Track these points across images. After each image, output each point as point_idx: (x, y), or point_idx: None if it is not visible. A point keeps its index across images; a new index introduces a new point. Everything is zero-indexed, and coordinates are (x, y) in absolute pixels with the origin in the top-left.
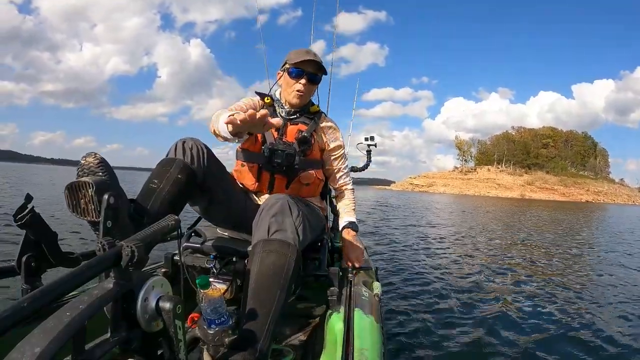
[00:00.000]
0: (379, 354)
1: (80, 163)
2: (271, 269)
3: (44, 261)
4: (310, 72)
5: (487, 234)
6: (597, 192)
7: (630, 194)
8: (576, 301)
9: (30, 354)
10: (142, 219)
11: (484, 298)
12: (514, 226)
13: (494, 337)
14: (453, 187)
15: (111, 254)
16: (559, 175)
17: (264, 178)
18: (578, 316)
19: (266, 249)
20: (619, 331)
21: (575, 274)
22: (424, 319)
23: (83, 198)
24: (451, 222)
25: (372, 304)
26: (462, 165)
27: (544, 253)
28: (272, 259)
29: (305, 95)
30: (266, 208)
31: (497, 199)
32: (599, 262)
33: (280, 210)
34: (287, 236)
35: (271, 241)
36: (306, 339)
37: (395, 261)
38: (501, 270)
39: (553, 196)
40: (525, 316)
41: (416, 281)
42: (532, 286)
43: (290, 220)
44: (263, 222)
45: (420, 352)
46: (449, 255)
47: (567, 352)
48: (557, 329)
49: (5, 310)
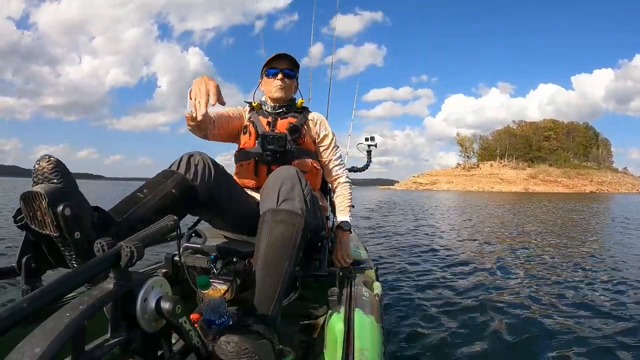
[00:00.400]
0: (379, 354)
1: (34, 168)
2: (280, 240)
3: (44, 262)
4: (284, 68)
5: (490, 231)
6: (600, 182)
7: (634, 182)
8: (590, 302)
9: (30, 354)
10: (108, 229)
11: (486, 297)
12: (513, 222)
13: (494, 337)
14: (457, 184)
15: (110, 254)
16: (562, 167)
17: (261, 172)
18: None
19: (275, 219)
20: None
21: (587, 269)
22: (424, 319)
23: (38, 210)
24: (454, 220)
25: (373, 304)
26: (465, 161)
27: (546, 248)
28: (280, 229)
29: (285, 89)
30: (275, 176)
31: (500, 194)
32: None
33: (289, 178)
34: (294, 206)
35: (279, 211)
36: (306, 339)
37: (396, 261)
38: (507, 268)
39: (557, 188)
40: (527, 316)
41: (417, 281)
42: (540, 285)
43: (299, 189)
44: (272, 190)
45: (421, 352)
46: (451, 255)
47: (570, 354)
48: (566, 334)
49: (5, 310)
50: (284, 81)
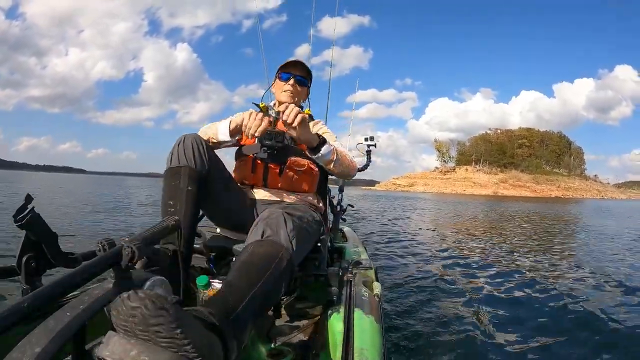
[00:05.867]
0: (379, 354)
1: None
2: (261, 257)
3: (44, 261)
4: (297, 74)
5: (480, 232)
6: (567, 188)
7: (600, 189)
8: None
9: (30, 353)
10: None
11: (486, 297)
12: (499, 226)
13: (495, 337)
14: (432, 187)
15: (111, 254)
16: (533, 173)
17: (257, 169)
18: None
19: (258, 245)
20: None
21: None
22: (424, 319)
23: None
24: (447, 221)
25: (372, 304)
26: (442, 165)
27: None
28: (263, 249)
29: (294, 95)
30: (262, 218)
31: (471, 196)
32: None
33: (275, 221)
34: (280, 239)
35: (263, 241)
36: (306, 339)
37: (395, 261)
38: (500, 268)
39: (524, 192)
40: (528, 316)
41: (416, 281)
42: (538, 284)
43: (285, 232)
44: (258, 229)
45: (421, 352)
46: (449, 255)
47: (571, 354)
48: (566, 329)
49: (5, 310)
50: (295, 87)
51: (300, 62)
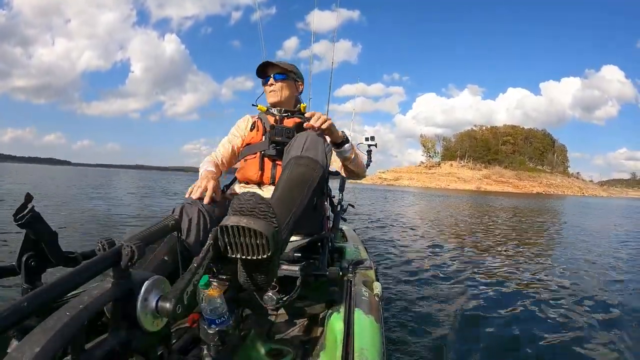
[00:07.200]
0: (379, 353)
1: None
2: (298, 178)
3: (44, 261)
4: (274, 73)
5: (475, 229)
6: (548, 185)
7: (582, 186)
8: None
9: (30, 353)
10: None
11: (486, 296)
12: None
13: (495, 337)
14: (417, 181)
15: (111, 253)
16: (517, 169)
17: (266, 167)
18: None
19: (298, 162)
20: None
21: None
22: (424, 318)
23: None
24: (441, 220)
25: (372, 303)
26: (427, 160)
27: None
28: (301, 170)
29: (278, 92)
30: (301, 135)
31: (455, 191)
32: None
33: (313, 136)
34: (317, 155)
35: (303, 157)
36: (306, 339)
37: (394, 261)
38: (501, 267)
39: (507, 188)
40: (529, 316)
41: (416, 281)
42: (538, 285)
43: (322, 146)
44: (298, 143)
45: (421, 352)
46: (448, 253)
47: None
48: (572, 335)
49: (6, 309)
50: (275, 85)
51: (269, 62)
